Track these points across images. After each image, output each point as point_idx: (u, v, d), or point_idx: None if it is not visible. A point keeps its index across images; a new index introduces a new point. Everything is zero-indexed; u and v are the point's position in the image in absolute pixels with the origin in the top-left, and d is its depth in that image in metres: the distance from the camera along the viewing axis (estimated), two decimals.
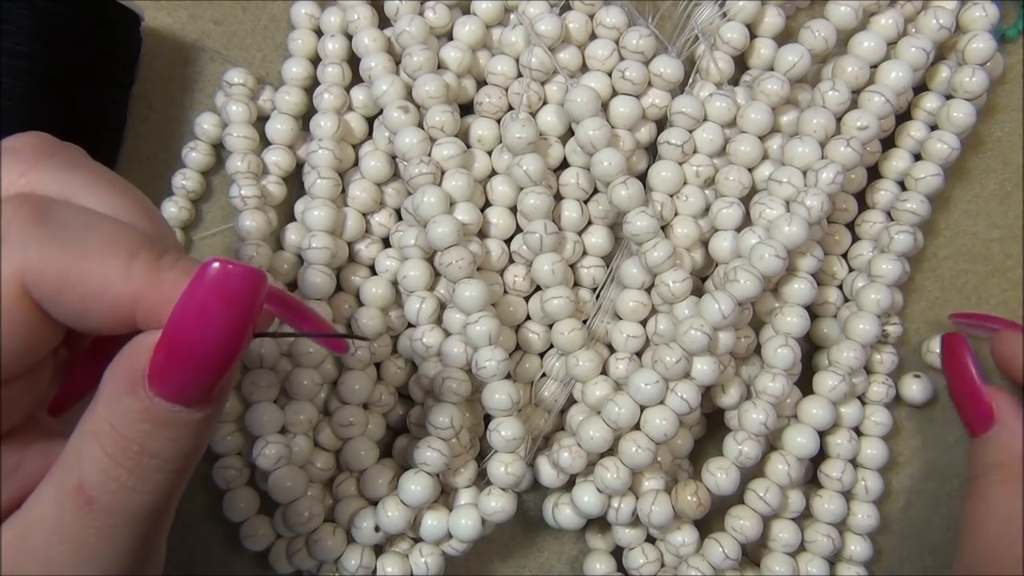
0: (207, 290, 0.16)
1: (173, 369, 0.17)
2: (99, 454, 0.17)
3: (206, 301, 0.16)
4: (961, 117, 0.31)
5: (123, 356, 0.17)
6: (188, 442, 0.18)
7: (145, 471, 0.17)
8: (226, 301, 0.16)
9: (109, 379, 0.17)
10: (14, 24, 0.27)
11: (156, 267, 0.17)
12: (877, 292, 0.31)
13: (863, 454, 0.32)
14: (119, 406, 0.17)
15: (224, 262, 0.16)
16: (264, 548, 0.31)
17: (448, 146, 0.30)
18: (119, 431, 0.17)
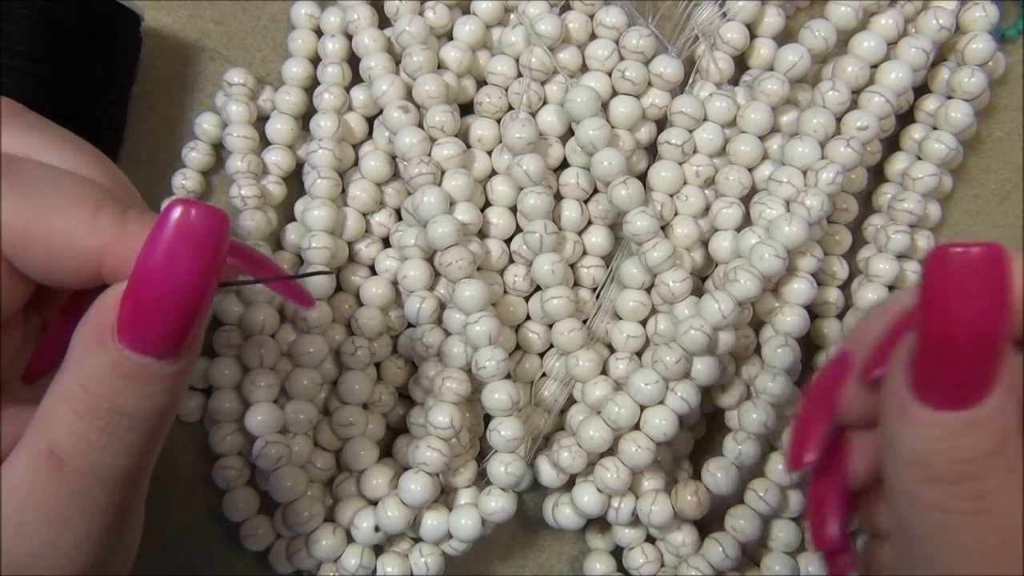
0: (172, 233, 0.16)
1: (142, 318, 0.17)
2: (70, 415, 0.17)
3: (171, 244, 0.16)
4: (959, 117, 0.31)
5: (91, 312, 0.17)
6: (161, 398, 0.17)
7: (117, 431, 0.17)
8: (191, 243, 0.16)
9: (78, 336, 0.17)
10: (14, 24, 0.27)
11: (121, 220, 0.17)
12: (875, 292, 0.31)
13: None
14: (88, 363, 0.17)
15: (187, 203, 0.16)
16: (264, 548, 0.31)
17: (448, 146, 0.30)
18: (89, 390, 0.17)
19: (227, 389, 0.30)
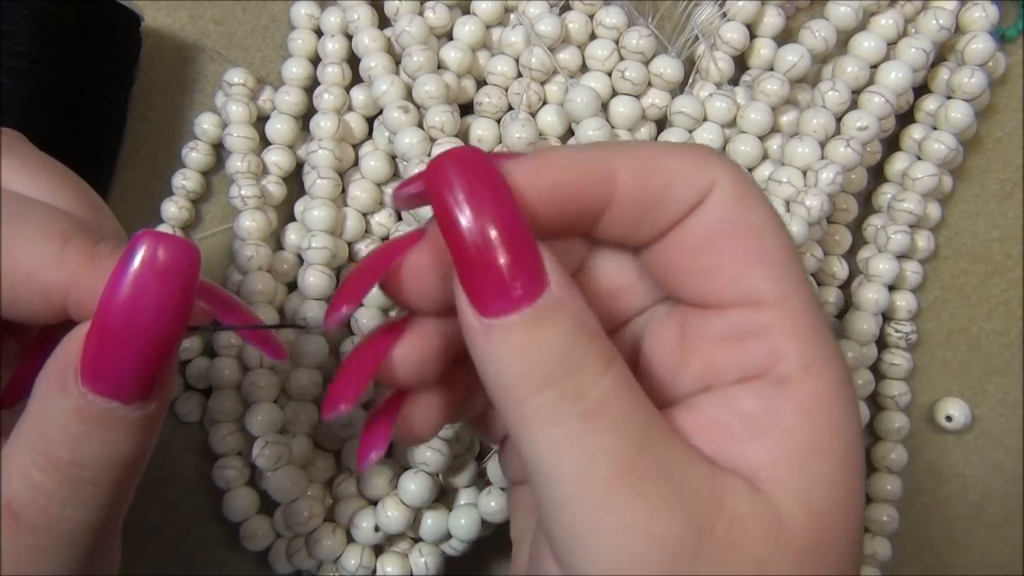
0: (138, 266, 0.15)
1: (107, 358, 0.16)
2: (28, 467, 0.16)
3: (137, 277, 0.15)
4: (959, 118, 0.31)
5: (55, 353, 0.16)
6: (126, 447, 0.16)
7: (77, 485, 0.16)
8: (159, 276, 0.15)
9: (41, 380, 0.16)
10: (14, 24, 0.27)
11: (91, 254, 0.16)
12: (875, 292, 0.31)
13: (887, 457, 0.32)
14: (49, 409, 0.16)
15: (154, 235, 0.15)
16: (264, 548, 0.31)
17: (448, 146, 0.30)
18: (48, 438, 0.16)
19: (227, 389, 0.30)
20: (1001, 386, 0.34)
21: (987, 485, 0.34)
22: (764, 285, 0.16)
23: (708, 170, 0.17)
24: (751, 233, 0.17)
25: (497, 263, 0.15)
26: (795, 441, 0.16)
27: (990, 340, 0.34)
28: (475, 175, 0.15)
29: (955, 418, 0.33)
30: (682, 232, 0.17)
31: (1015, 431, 0.34)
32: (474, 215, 0.15)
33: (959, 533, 0.34)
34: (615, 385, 0.15)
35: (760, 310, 0.16)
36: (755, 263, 0.16)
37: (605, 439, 0.15)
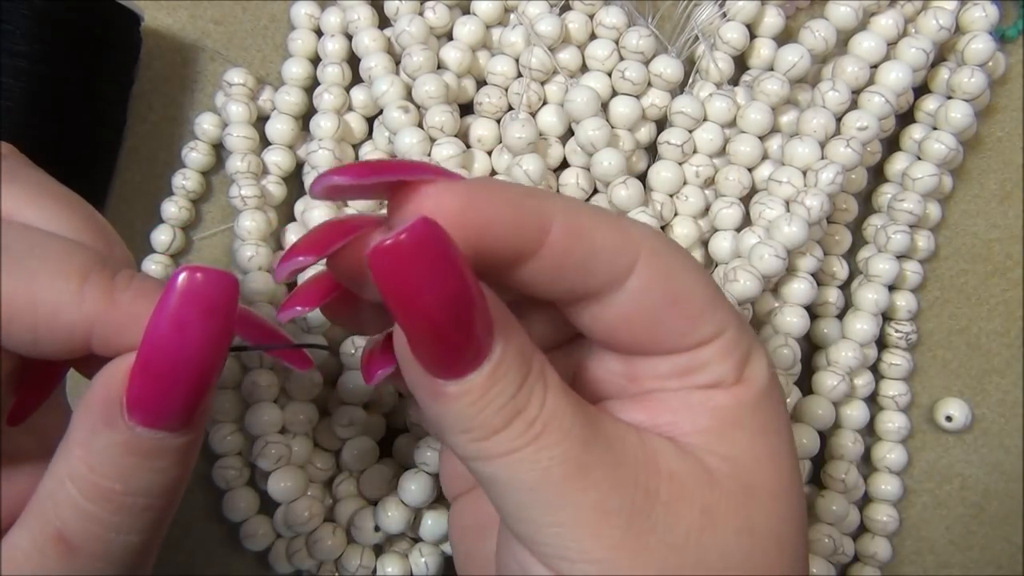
0: (182, 301, 0.15)
1: (154, 392, 0.16)
2: (78, 499, 0.16)
3: (180, 313, 0.15)
4: (959, 118, 0.31)
5: (95, 389, 0.16)
6: (175, 472, 0.17)
7: (131, 512, 0.17)
8: (203, 310, 0.15)
9: (82, 414, 0.16)
10: (14, 24, 0.27)
11: (110, 288, 0.17)
12: (874, 292, 0.31)
13: (886, 458, 0.32)
14: (97, 443, 0.16)
15: (193, 269, 0.16)
16: (264, 548, 0.31)
17: (448, 146, 0.30)
18: (99, 472, 0.16)
19: (227, 389, 0.30)
20: (1001, 386, 0.34)
21: (987, 485, 0.34)
22: (699, 333, 0.18)
23: (631, 247, 0.17)
24: (678, 299, 0.17)
25: (450, 339, 0.15)
26: (720, 416, 0.18)
27: (990, 340, 0.34)
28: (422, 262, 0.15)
29: (955, 418, 0.33)
30: (607, 304, 0.17)
31: (1015, 431, 0.34)
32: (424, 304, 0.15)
33: (959, 533, 0.34)
34: (555, 400, 0.16)
35: (699, 351, 0.18)
36: (687, 321, 0.18)
37: (555, 450, 0.16)
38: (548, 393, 0.16)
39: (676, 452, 0.17)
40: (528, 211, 0.16)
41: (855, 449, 0.31)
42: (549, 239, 0.16)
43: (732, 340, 0.18)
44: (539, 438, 0.16)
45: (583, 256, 0.17)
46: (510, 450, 0.16)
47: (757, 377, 0.18)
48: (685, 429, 0.18)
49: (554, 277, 0.17)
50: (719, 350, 0.18)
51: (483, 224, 0.16)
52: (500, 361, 0.16)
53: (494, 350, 0.16)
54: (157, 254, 0.32)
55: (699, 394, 0.18)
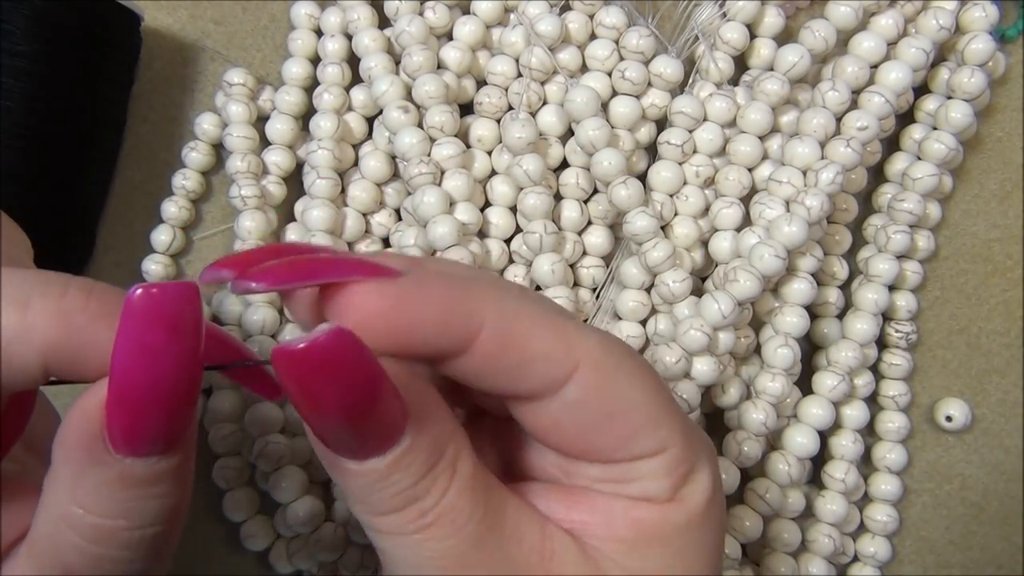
0: (143, 324, 0.14)
1: (134, 420, 0.15)
2: (80, 544, 0.16)
3: (145, 336, 0.14)
4: (959, 118, 0.31)
5: (71, 426, 0.15)
6: (176, 491, 0.16)
7: (139, 543, 0.16)
8: (167, 328, 0.14)
9: (63, 455, 0.15)
10: (14, 24, 0.27)
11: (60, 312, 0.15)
12: (874, 292, 0.31)
13: (886, 458, 0.32)
14: (87, 483, 0.15)
15: (148, 287, 0.14)
16: (264, 548, 0.31)
17: (448, 146, 0.30)
18: (98, 512, 0.15)
19: (227, 389, 0.30)
20: (1001, 386, 0.34)
21: (987, 485, 0.34)
22: (634, 449, 0.17)
23: (569, 358, 0.16)
24: (614, 415, 0.17)
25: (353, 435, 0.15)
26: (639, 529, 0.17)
27: (990, 340, 0.34)
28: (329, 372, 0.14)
29: (955, 418, 0.33)
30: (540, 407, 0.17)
31: (1015, 431, 0.34)
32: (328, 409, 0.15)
33: (959, 533, 0.34)
34: (456, 495, 0.16)
35: (634, 464, 0.17)
36: (622, 437, 0.17)
37: (441, 544, 0.16)
38: (452, 486, 0.16)
39: (578, 557, 0.17)
40: (457, 316, 0.16)
41: (855, 449, 0.31)
42: (477, 343, 0.16)
43: (673, 459, 0.17)
44: (429, 528, 0.16)
45: (513, 362, 0.16)
46: (399, 532, 0.16)
47: (694, 497, 0.18)
48: (599, 533, 0.17)
49: (482, 377, 0.16)
50: (656, 467, 0.17)
51: (407, 326, 0.15)
52: (406, 451, 0.15)
53: (402, 440, 0.15)
54: (157, 254, 0.32)
55: (625, 503, 0.17)
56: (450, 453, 0.16)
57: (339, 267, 0.16)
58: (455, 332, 0.16)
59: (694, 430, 0.18)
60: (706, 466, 0.18)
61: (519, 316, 0.16)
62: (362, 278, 0.15)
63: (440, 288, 0.16)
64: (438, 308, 0.16)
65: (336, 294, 0.15)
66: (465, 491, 0.16)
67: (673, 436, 0.17)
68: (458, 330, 0.16)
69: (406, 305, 0.15)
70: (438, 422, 0.16)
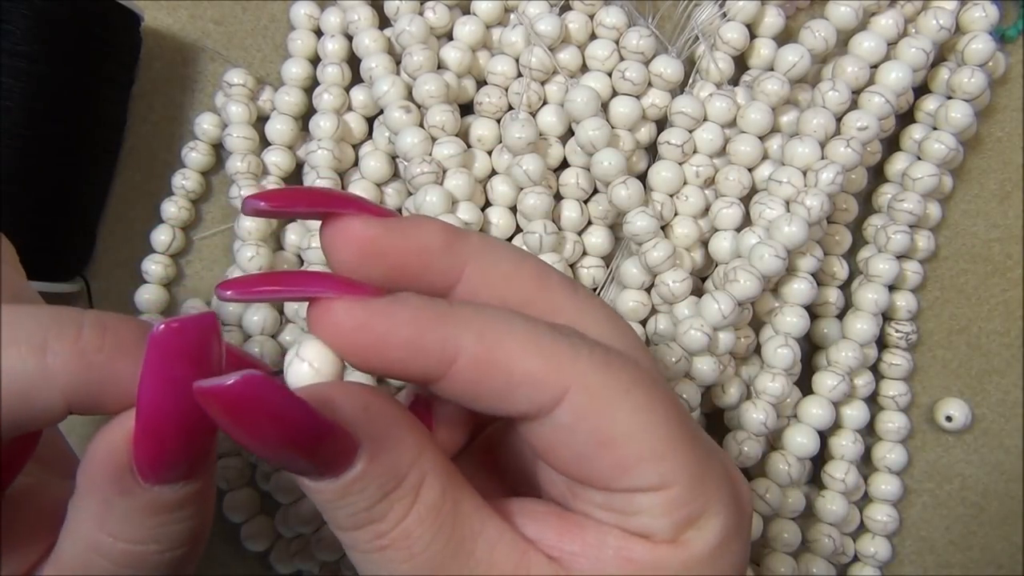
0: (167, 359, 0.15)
1: (163, 451, 0.16)
2: (109, 567, 0.16)
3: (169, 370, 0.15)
4: (959, 118, 0.31)
5: (96, 458, 0.16)
6: (202, 510, 0.17)
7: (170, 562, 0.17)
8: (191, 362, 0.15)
9: (88, 486, 0.16)
10: (14, 24, 0.27)
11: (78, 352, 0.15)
12: (874, 292, 0.31)
13: (886, 458, 0.32)
14: (116, 512, 0.16)
15: (170, 323, 0.15)
16: (265, 549, 0.31)
17: (449, 145, 0.30)
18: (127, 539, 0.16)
19: None
20: (1001, 386, 0.34)
21: (987, 485, 0.34)
22: (633, 481, 0.16)
23: (558, 382, 0.16)
24: (609, 443, 0.16)
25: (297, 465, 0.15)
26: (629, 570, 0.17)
27: (990, 340, 0.34)
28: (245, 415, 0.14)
29: (955, 418, 0.33)
30: (534, 428, 0.17)
31: (1015, 431, 0.34)
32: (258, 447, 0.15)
33: (959, 533, 0.34)
34: (414, 522, 0.16)
35: (634, 496, 0.17)
36: (618, 467, 0.16)
37: (398, 566, 0.16)
38: (411, 512, 0.16)
39: None
40: (429, 340, 0.16)
41: (855, 449, 0.31)
42: (455, 368, 0.16)
43: (678, 497, 0.16)
44: (384, 551, 0.16)
45: (497, 386, 0.16)
46: (358, 549, 0.16)
47: (699, 543, 0.17)
48: (585, 567, 0.17)
49: (468, 400, 0.16)
50: (658, 504, 0.16)
51: (376, 348, 0.16)
52: (358, 478, 0.15)
53: (353, 467, 0.15)
54: (157, 254, 0.32)
55: (620, 538, 0.17)
56: (411, 479, 0.16)
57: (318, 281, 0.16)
58: (429, 357, 0.16)
59: (711, 472, 0.17)
60: (720, 512, 0.17)
61: (502, 341, 0.16)
62: (336, 294, 0.16)
63: (412, 312, 0.16)
64: (408, 332, 0.16)
65: (312, 308, 0.16)
66: (426, 518, 0.16)
67: (678, 473, 0.16)
68: (432, 355, 0.16)
69: (375, 327, 0.15)
70: (398, 449, 0.16)
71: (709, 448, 0.18)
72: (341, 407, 0.15)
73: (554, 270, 0.18)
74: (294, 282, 0.16)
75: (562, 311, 0.18)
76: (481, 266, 0.17)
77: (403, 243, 0.16)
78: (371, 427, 0.15)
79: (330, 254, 0.17)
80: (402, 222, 0.17)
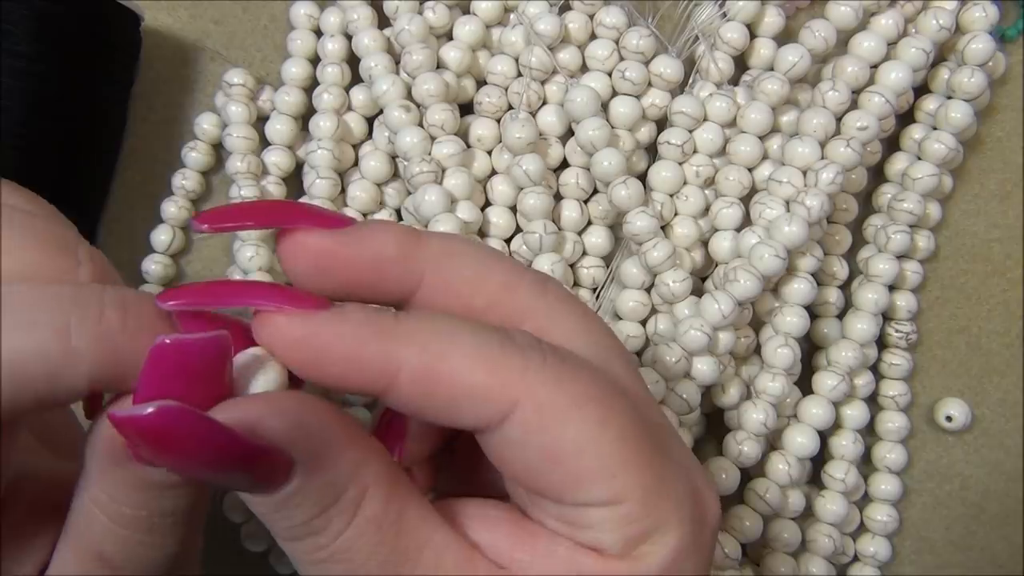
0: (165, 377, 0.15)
1: None
2: (111, 526, 0.17)
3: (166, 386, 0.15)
4: (958, 118, 0.31)
5: (99, 435, 0.16)
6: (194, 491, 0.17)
7: (161, 529, 0.17)
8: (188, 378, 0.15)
9: (91, 453, 0.16)
10: (14, 24, 0.27)
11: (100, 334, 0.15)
12: (874, 292, 0.31)
13: (886, 458, 0.32)
14: (111, 479, 0.16)
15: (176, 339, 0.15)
16: (265, 548, 0.31)
17: (448, 144, 0.30)
18: (121, 502, 0.16)
19: None
20: (1001, 386, 0.34)
21: (987, 485, 0.34)
22: (583, 496, 0.16)
23: (506, 391, 0.16)
24: (559, 458, 0.16)
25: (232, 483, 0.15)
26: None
27: (990, 340, 0.34)
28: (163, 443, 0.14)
29: (955, 418, 0.33)
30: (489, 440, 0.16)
31: (1015, 431, 0.34)
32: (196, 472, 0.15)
33: (959, 533, 0.34)
34: (355, 535, 0.16)
35: (588, 511, 0.16)
36: (569, 483, 0.16)
37: None
38: (351, 526, 0.16)
39: None
40: (370, 356, 0.15)
41: (855, 449, 0.31)
42: (397, 383, 0.16)
43: (630, 513, 0.16)
44: (324, 563, 0.16)
45: (441, 401, 0.16)
46: (299, 559, 0.16)
47: (651, 559, 0.17)
48: None
49: (413, 412, 0.16)
50: (608, 519, 0.16)
51: (316, 361, 0.16)
52: (293, 494, 0.15)
53: (288, 485, 0.15)
54: (157, 254, 0.32)
55: (572, 549, 0.17)
56: (351, 494, 0.16)
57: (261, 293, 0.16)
58: (369, 371, 0.16)
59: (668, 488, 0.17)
60: (675, 530, 0.17)
61: (445, 354, 0.16)
62: (275, 307, 0.16)
63: (352, 327, 0.16)
64: (348, 347, 0.15)
65: (255, 319, 0.16)
66: (367, 532, 0.16)
67: (631, 490, 0.16)
68: (373, 370, 0.16)
69: (314, 341, 0.15)
70: (336, 463, 0.16)
71: (674, 461, 0.17)
72: (272, 426, 0.15)
73: (527, 271, 0.18)
74: (236, 293, 0.16)
75: (529, 315, 0.18)
76: (441, 272, 0.17)
77: (356, 255, 0.16)
78: (307, 443, 0.15)
79: (285, 268, 0.17)
80: (356, 232, 0.17)
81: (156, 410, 0.14)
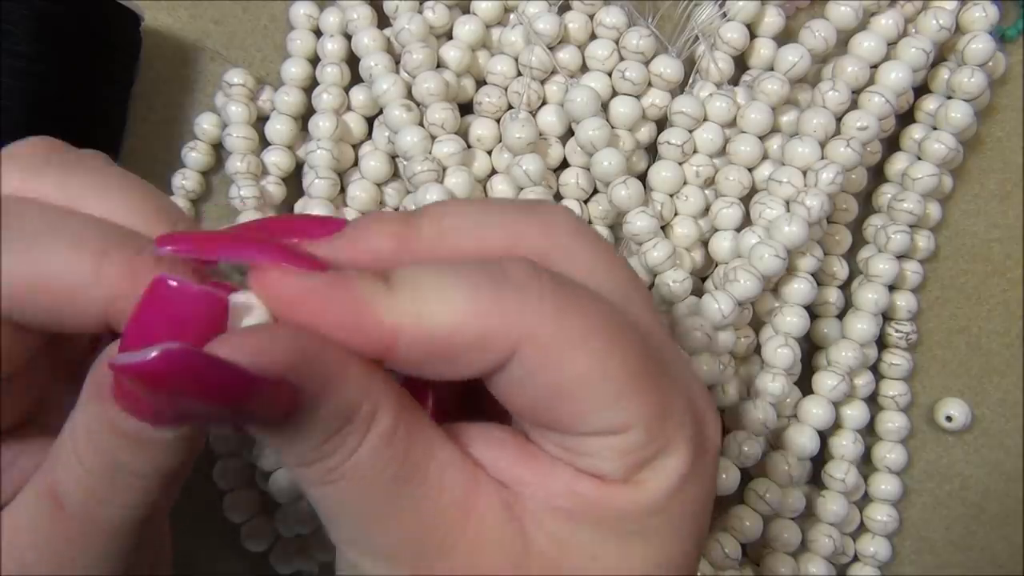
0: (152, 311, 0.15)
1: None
2: (73, 461, 0.16)
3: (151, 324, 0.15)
4: (958, 118, 0.31)
5: (97, 362, 0.16)
6: (163, 460, 0.17)
7: (117, 485, 0.17)
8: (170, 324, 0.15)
9: (87, 382, 0.17)
10: (14, 24, 0.27)
11: (131, 266, 0.16)
12: (874, 292, 0.31)
13: (886, 458, 0.32)
14: (90, 413, 0.16)
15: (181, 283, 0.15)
16: (265, 548, 0.31)
17: (448, 143, 0.30)
18: (92, 440, 0.16)
19: None
20: (1001, 386, 0.34)
21: (987, 485, 0.34)
22: (588, 426, 0.16)
23: (506, 335, 0.16)
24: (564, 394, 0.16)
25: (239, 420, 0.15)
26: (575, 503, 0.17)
27: (990, 340, 0.34)
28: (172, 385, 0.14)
29: (955, 418, 0.33)
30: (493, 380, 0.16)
31: (1015, 431, 0.34)
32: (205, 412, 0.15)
33: (959, 533, 0.34)
34: (367, 452, 0.16)
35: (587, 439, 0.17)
36: (575, 415, 0.16)
37: (349, 496, 0.16)
38: (364, 443, 0.16)
39: (501, 516, 0.17)
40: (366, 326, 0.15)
41: (855, 449, 0.31)
42: (395, 349, 0.16)
43: (633, 442, 0.16)
44: (336, 484, 0.16)
45: (442, 362, 0.16)
46: (311, 483, 0.16)
47: (652, 484, 0.17)
48: (536, 495, 0.17)
49: (418, 371, 0.16)
50: (610, 447, 0.16)
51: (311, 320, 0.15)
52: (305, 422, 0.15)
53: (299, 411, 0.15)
54: None
55: (571, 474, 0.17)
56: (364, 412, 0.16)
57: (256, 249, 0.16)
58: (366, 335, 0.15)
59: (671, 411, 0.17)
60: (680, 453, 0.17)
61: (440, 315, 0.15)
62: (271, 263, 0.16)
63: (348, 294, 0.15)
64: (342, 314, 0.15)
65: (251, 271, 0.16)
66: (379, 448, 0.16)
67: (639, 416, 0.16)
68: (369, 338, 0.15)
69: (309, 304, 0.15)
70: (346, 383, 0.16)
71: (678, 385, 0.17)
72: (275, 356, 0.15)
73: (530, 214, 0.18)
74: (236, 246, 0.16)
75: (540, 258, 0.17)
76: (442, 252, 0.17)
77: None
78: (310, 368, 0.15)
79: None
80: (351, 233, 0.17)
81: (160, 354, 0.14)
